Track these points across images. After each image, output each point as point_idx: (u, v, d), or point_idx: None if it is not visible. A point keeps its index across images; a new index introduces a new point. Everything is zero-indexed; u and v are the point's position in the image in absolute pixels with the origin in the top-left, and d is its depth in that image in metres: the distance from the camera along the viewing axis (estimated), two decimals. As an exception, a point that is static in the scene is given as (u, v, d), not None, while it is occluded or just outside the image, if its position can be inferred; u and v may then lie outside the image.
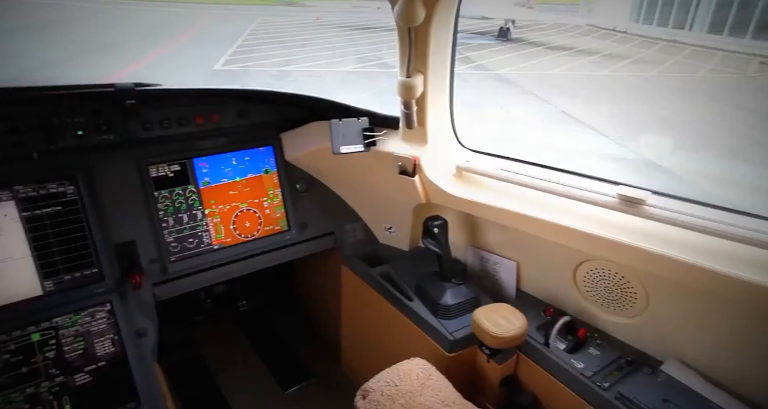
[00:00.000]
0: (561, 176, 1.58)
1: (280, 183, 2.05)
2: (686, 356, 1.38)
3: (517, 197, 1.62)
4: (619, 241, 1.32)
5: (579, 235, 1.42)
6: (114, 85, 1.55)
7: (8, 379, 1.42)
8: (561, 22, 21.45)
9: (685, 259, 1.21)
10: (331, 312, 2.42)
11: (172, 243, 1.83)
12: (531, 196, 1.60)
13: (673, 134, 7.94)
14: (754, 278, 1.10)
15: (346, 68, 12.57)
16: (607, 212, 1.41)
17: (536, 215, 1.52)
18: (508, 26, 17.35)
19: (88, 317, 1.59)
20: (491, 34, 17.63)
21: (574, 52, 15.18)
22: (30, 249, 1.55)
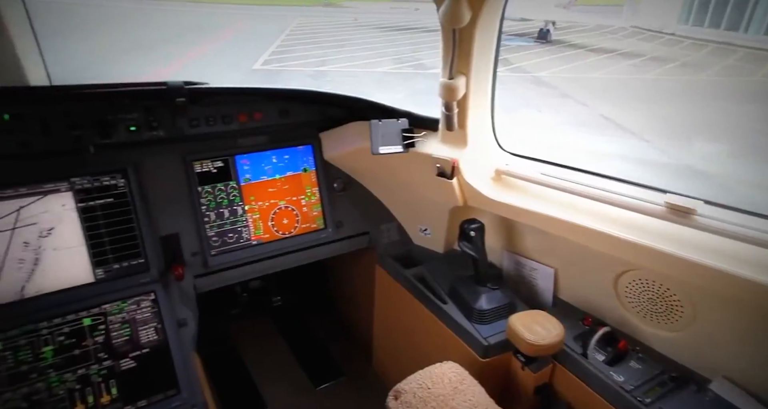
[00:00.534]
0: (604, 182, 1.53)
1: (317, 182, 2.08)
2: (736, 375, 1.31)
3: (557, 202, 1.59)
4: (667, 251, 1.27)
5: (622, 243, 1.38)
6: (166, 84, 1.61)
7: (62, 360, 1.50)
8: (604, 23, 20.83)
9: (737, 272, 1.15)
10: (364, 311, 2.43)
11: (213, 237, 1.89)
12: (572, 201, 1.56)
13: (719, 140, 7.57)
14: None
15: (383, 69, 12.61)
16: (653, 221, 1.36)
17: (577, 221, 1.48)
18: (548, 28, 16.98)
19: (134, 305, 1.66)
20: (530, 36, 17.31)
21: (616, 54, 14.71)
22: (84, 238, 1.63)
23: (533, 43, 16.52)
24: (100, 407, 1.48)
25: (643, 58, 14.13)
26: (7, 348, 1.46)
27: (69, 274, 1.62)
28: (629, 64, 13.42)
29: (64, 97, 1.55)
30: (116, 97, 1.62)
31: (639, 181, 1.50)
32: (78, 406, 1.46)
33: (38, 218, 1.57)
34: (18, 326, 1.49)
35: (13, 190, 1.52)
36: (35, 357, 1.48)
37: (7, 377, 1.43)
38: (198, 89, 1.67)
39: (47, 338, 1.52)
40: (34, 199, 1.56)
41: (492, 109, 1.76)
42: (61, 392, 1.47)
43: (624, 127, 8.13)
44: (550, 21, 17.31)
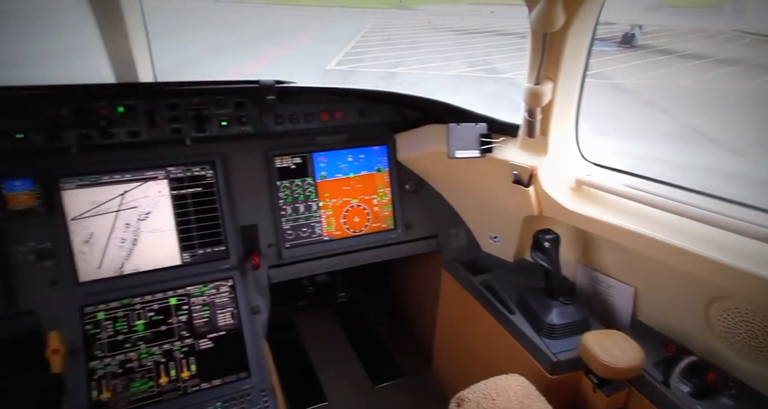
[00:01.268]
0: (695, 198, 1.42)
1: (390, 182, 2.11)
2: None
3: (642, 217, 1.49)
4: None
5: (718, 267, 1.26)
6: (258, 82, 1.71)
7: (151, 334, 1.64)
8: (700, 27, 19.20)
9: None
10: (427, 315, 2.43)
11: (288, 230, 1.97)
12: (659, 217, 1.46)
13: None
14: None
15: (454, 72, 12.51)
16: (753, 243, 1.24)
17: (665, 239, 1.38)
18: (633, 32, 15.96)
19: (214, 290, 1.78)
20: (613, 41, 16.36)
21: (711, 61, 13.53)
22: (175, 223, 1.77)
23: (616, 48, 15.61)
24: (180, 380, 1.60)
25: (743, 64, 12.88)
26: (109, 318, 1.61)
27: (160, 255, 1.76)
28: (726, 71, 12.29)
29: (169, 93, 1.68)
30: (213, 93, 1.74)
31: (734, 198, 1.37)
32: (162, 377, 1.59)
33: (138, 202, 1.72)
34: (117, 299, 1.65)
35: (120, 176, 1.69)
36: (129, 329, 1.63)
37: (107, 344, 1.58)
38: (287, 88, 1.75)
39: (140, 312, 1.66)
40: (136, 185, 1.72)
41: (577, 118, 1.69)
42: (149, 364, 1.60)
43: (715, 140, 7.46)
44: (637, 25, 16.26)
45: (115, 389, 1.54)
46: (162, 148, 1.74)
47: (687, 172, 5.83)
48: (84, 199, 1.65)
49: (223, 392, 1.62)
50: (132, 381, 1.56)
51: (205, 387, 1.62)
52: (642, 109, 9.14)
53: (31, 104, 1.52)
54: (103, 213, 1.67)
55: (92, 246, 1.66)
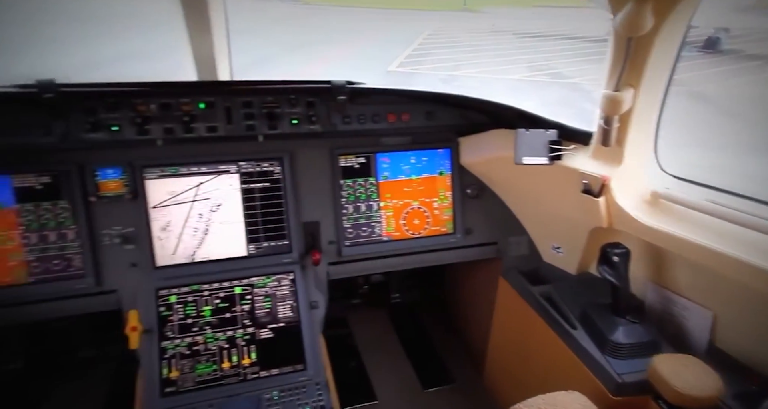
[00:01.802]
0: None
1: (452, 186, 2.09)
2: None
3: (725, 236, 1.38)
4: None
5: None
6: (330, 82, 1.75)
7: (217, 320, 1.73)
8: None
9: None
10: (481, 322, 2.39)
11: (349, 229, 2.01)
12: (744, 236, 1.35)
13: None
14: None
15: (515, 76, 12.22)
16: None
17: (751, 260, 1.27)
18: (718, 36, 14.82)
19: (276, 282, 1.84)
20: (694, 45, 15.29)
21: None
22: (243, 216, 1.85)
23: (697, 53, 14.56)
24: (241, 367, 1.68)
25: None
26: (180, 302, 1.72)
27: (228, 246, 1.85)
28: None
29: (246, 91, 1.77)
30: (286, 92, 1.80)
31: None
32: (225, 362, 1.67)
33: (211, 194, 1.82)
34: (188, 285, 1.75)
35: (196, 168, 1.79)
36: (197, 314, 1.72)
37: (178, 326, 1.69)
38: (358, 88, 1.78)
39: (207, 298, 1.75)
40: (210, 178, 1.81)
41: (657, 127, 1.59)
42: (213, 348, 1.69)
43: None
44: (722, 28, 15.08)
45: (183, 369, 1.63)
46: (235, 144, 1.83)
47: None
48: (164, 189, 1.76)
49: (280, 381, 1.68)
50: (198, 363, 1.65)
51: (263, 375, 1.68)
52: (729, 121, 8.46)
53: (125, 100, 1.64)
54: (180, 203, 1.78)
55: (169, 233, 1.78)
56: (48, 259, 1.65)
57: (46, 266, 1.65)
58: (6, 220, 1.60)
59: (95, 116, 1.62)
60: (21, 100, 1.54)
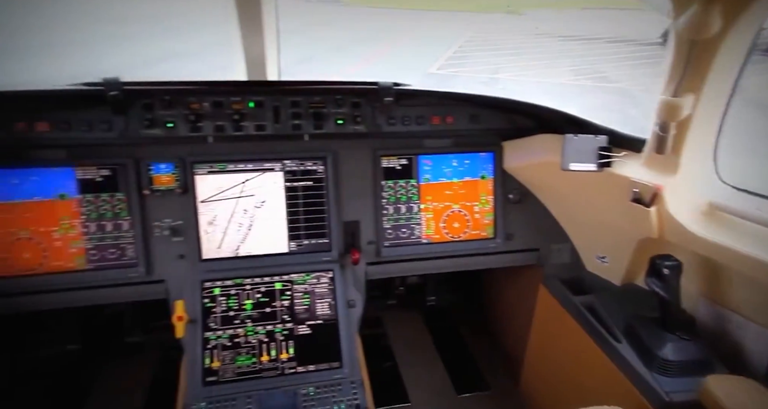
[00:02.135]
0: None
1: (493, 190, 2.06)
2: None
3: None
4: None
5: None
6: (377, 83, 1.77)
7: (258, 314, 1.77)
8: None
9: None
10: (519, 329, 2.34)
11: (388, 230, 2.01)
12: None
13: None
14: None
15: (559, 80, 11.92)
16: None
17: None
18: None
19: (315, 280, 1.87)
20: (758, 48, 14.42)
21: None
22: (286, 213, 1.89)
23: (761, 56, 13.73)
24: (279, 361, 1.71)
25: None
26: (223, 294, 1.77)
27: (270, 242, 1.89)
28: None
29: (294, 91, 1.80)
30: (333, 93, 1.83)
31: None
32: (264, 356, 1.71)
33: (256, 191, 1.87)
34: (231, 278, 1.80)
35: (243, 165, 1.84)
36: (239, 307, 1.77)
37: (220, 318, 1.74)
38: (404, 90, 1.79)
39: (249, 292, 1.80)
40: (256, 175, 1.86)
41: (718, 135, 1.52)
42: (253, 341, 1.73)
43: None
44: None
45: (224, 360, 1.68)
46: (280, 142, 1.87)
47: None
48: (212, 185, 1.82)
49: (316, 378, 1.70)
50: (238, 355, 1.70)
51: (300, 371, 1.71)
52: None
53: (181, 98, 1.71)
54: (227, 198, 1.84)
55: (215, 227, 1.83)
56: (104, 247, 1.74)
57: (102, 254, 1.74)
58: (69, 209, 1.70)
59: (152, 113, 1.69)
60: (88, 97, 1.63)
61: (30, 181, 1.65)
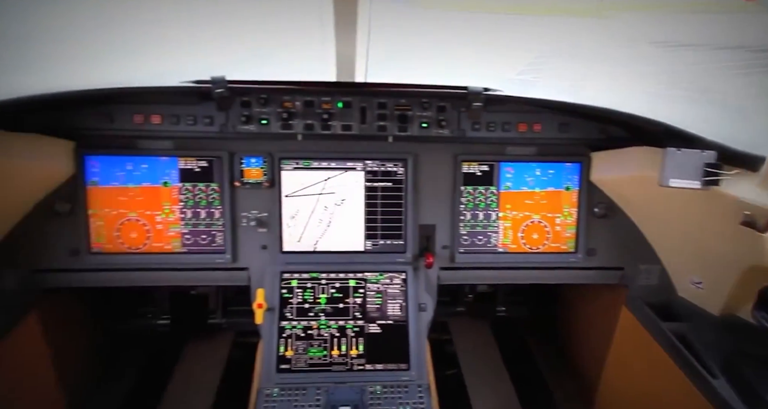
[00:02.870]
0: None
1: (578, 202, 1.97)
2: None
3: None
4: None
5: None
6: (467, 88, 1.75)
7: (331, 308, 1.82)
8: None
9: None
10: (595, 351, 2.21)
11: (464, 236, 1.98)
12: None
13: None
14: None
15: (648, 89, 11.12)
16: None
17: None
18: None
19: (387, 280, 1.89)
20: None
21: None
22: (364, 212, 1.93)
23: None
24: (349, 356, 1.75)
25: None
26: (300, 287, 1.84)
27: (347, 240, 1.94)
28: None
29: (381, 93, 1.83)
30: (420, 96, 1.84)
31: None
32: (334, 350, 1.76)
33: (337, 189, 1.92)
34: (308, 272, 1.87)
35: (327, 163, 1.90)
36: (314, 300, 1.83)
37: (296, 309, 1.81)
38: (494, 95, 1.76)
39: (324, 287, 1.85)
40: (338, 173, 1.92)
41: None
42: (325, 334, 1.78)
43: None
44: None
45: (297, 349, 1.75)
46: (364, 143, 1.91)
47: None
48: (297, 180, 1.90)
49: (384, 377, 1.72)
50: (310, 346, 1.76)
51: (368, 368, 1.73)
52: None
53: (276, 96, 1.80)
54: (309, 194, 1.91)
55: (296, 221, 1.91)
56: (197, 233, 1.88)
57: (195, 239, 1.88)
58: (170, 196, 1.85)
59: (250, 110, 1.80)
60: (196, 94, 1.76)
61: (141, 168, 1.82)
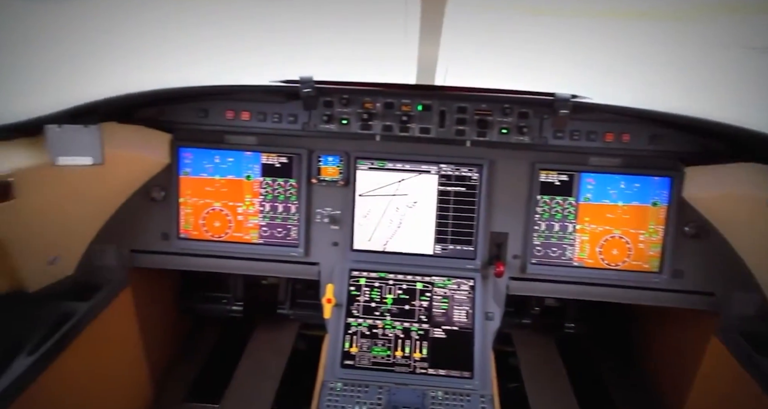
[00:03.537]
0: None
1: (666, 219, 1.84)
2: None
3: None
4: None
5: None
6: (554, 95, 1.69)
7: (397, 309, 1.83)
8: None
9: None
10: (677, 383, 2.04)
11: (537, 247, 1.92)
12: None
13: None
14: None
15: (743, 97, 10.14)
16: None
17: None
18: None
19: (455, 286, 1.86)
20: None
21: None
22: (435, 216, 1.92)
23: None
24: (412, 359, 1.75)
25: None
26: (367, 285, 1.87)
27: (417, 242, 1.93)
28: None
29: (461, 97, 1.82)
30: (501, 101, 1.80)
31: None
32: (398, 351, 1.76)
33: (409, 191, 1.92)
34: (376, 271, 1.89)
35: (401, 165, 1.91)
36: (380, 300, 1.85)
37: (363, 307, 1.84)
38: (582, 103, 1.68)
39: (391, 287, 1.87)
40: (412, 176, 1.92)
41: None
42: (390, 335, 1.79)
43: None
44: None
45: (361, 346, 1.77)
46: (440, 146, 1.90)
47: None
48: (371, 180, 1.93)
49: (446, 383, 1.70)
50: (375, 345, 1.77)
51: (431, 373, 1.72)
52: None
53: (357, 97, 1.84)
54: (382, 195, 1.93)
55: (368, 221, 1.94)
56: (274, 226, 1.96)
57: (272, 232, 1.96)
58: (252, 189, 1.94)
59: (332, 109, 1.85)
60: (284, 93, 1.84)
61: (227, 161, 1.93)
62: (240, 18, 3.37)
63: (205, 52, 2.79)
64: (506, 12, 15.88)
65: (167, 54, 2.71)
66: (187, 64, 2.66)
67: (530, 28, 15.09)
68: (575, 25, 22.23)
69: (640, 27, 20.80)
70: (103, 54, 2.55)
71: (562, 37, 19.40)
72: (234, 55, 2.59)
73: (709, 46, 17.12)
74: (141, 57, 2.57)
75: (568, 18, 23.61)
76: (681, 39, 17.92)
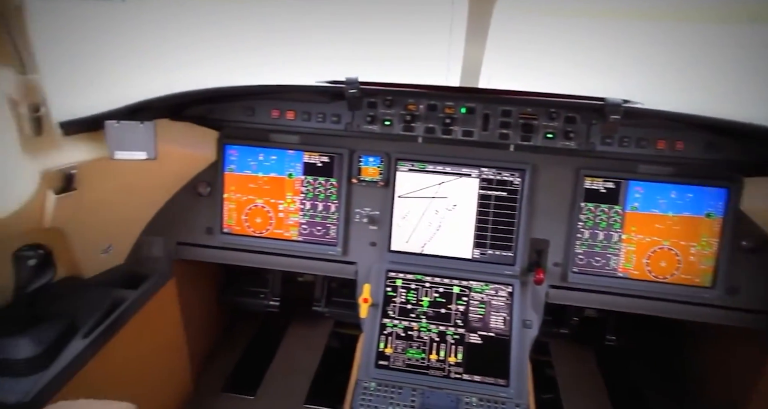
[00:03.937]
0: None
1: (721, 232, 1.75)
2: None
3: None
4: None
5: None
6: (604, 99, 1.64)
7: (433, 312, 1.82)
8: None
9: None
10: (730, 403, 1.93)
11: (580, 255, 1.86)
12: None
13: None
14: None
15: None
16: None
17: None
18: None
19: (493, 291, 1.84)
20: None
21: None
22: (474, 220, 1.90)
23: None
24: (446, 363, 1.73)
25: None
26: (404, 287, 1.87)
27: (455, 246, 1.92)
28: None
29: (506, 100, 1.79)
30: (547, 105, 1.76)
31: None
32: (432, 354, 1.75)
33: (449, 194, 1.91)
34: (413, 273, 1.89)
35: (442, 168, 1.90)
36: (416, 302, 1.84)
37: (399, 308, 1.84)
38: (634, 109, 1.62)
39: (427, 290, 1.86)
40: (452, 179, 1.91)
41: None
42: (425, 338, 1.78)
43: None
44: None
45: (396, 348, 1.77)
46: (482, 150, 1.88)
47: None
48: (411, 182, 1.92)
49: (481, 389, 1.67)
50: (410, 347, 1.77)
51: (466, 378, 1.70)
52: None
53: (401, 98, 1.84)
54: (422, 197, 1.92)
55: (406, 222, 1.94)
56: (314, 224, 1.99)
57: (311, 230, 1.99)
58: (293, 187, 1.98)
59: (375, 110, 1.86)
60: (329, 93, 1.87)
61: (270, 159, 1.98)
62: (283, 20, 3.45)
63: (247, 53, 2.89)
64: (555, 15, 15.42)
65: (214, 56, 2.83)
66: (230, 63, 2.75)
67: (577, 30, 14.56)
68: (623, 27, 21.18)
69: (697, 29, 19.69)
70: (156, 54, 2.67)
71: (609, 40, 18.57)
72: (278, 57, 2.66)
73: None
74: (190, 56, 2.69)
75: (617, 20, 22.49)
76: (744, 43, 16.92)
